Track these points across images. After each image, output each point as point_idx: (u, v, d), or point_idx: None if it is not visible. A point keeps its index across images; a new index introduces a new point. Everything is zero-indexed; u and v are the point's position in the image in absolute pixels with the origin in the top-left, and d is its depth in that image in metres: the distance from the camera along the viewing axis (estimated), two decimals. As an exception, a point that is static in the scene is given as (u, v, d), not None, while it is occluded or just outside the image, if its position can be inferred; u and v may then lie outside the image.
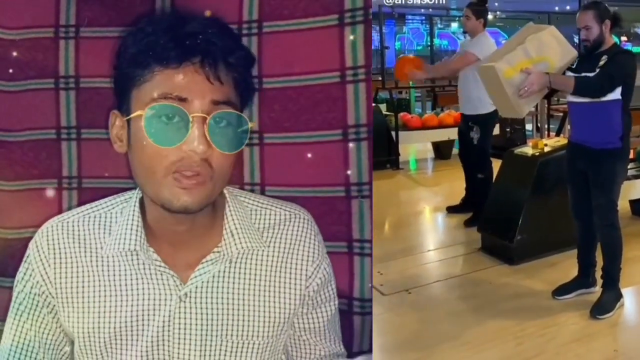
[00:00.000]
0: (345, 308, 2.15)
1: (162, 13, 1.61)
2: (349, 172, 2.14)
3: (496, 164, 6.03)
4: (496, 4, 24.52)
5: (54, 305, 1.68)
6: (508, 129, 9.76)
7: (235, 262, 1.68)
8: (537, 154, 5.49)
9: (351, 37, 2.11)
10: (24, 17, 2.21)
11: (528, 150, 5.62)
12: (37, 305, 1.69)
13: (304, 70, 2.15)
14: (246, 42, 2.16)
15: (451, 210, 6.74)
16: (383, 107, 10.17)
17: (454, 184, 7.33)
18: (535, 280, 4.87)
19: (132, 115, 1.48)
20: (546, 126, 9.74)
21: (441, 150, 9.91)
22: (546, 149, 5.51)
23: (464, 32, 6.61)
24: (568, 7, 21.99)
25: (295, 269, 1.73)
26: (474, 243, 5.70)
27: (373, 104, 9.48)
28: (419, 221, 6.68)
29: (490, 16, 23.39)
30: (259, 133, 2.18)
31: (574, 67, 4.15)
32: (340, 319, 1.95)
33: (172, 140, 1.44)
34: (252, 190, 2.18)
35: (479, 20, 6.37)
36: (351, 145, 2.13)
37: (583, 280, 4.56)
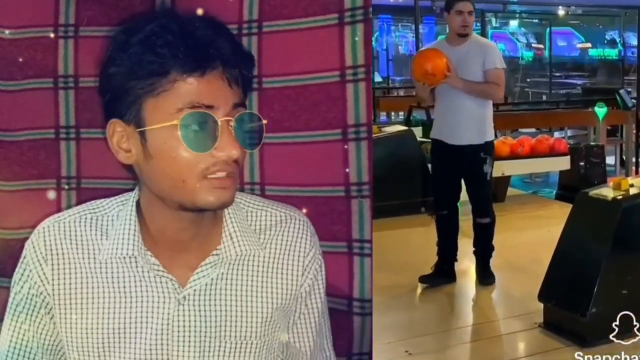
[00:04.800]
0: (345, 309, 2.14)
1: (159, 15, 1.60)
2: (348, 172, 2.13)
3: (565, 210, 4.86)
4: (568, -5, 18.16)
5: (52, 306, 1.68)
6: (582, 163, 7.97)
7: (233, 265, 1.68)
8: (620, 197, 4.29)
9: (351, 37, 2.11)
10: (24, 16, 2.22)
11: (608, 192, 4.42)
12: (34, 306, 1.68)
13: (303, 70, 2.15)
14: (246, 42, 2.17)
15: (425, 280, 5.14)
16: (418, 131, 7.98)
17: (511, 236, 6.06)
18: (616, 370, 3.57)
19: (158, 126, 1.47)
20: (634, 159, 8.33)
21: (494, 190, 7.09)
22: (632, 191, 4.33)
23: (461, 35, 4.94)
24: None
25: (290, 267, 1.73)
26: (533, 316, 4.45)
27: (406, 127, 7.83)
28: (461, 286, 5.21)
29: (561, 12, 16.45)
30: (259, 133, 2.18)
31: None
32: (339, 319, 1.95)
33: (205, 146, 1.45)
34: (252, 190, 2.19)
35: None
36: (351, 145, 2.13)
37: None
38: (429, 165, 6.44)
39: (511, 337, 4.40)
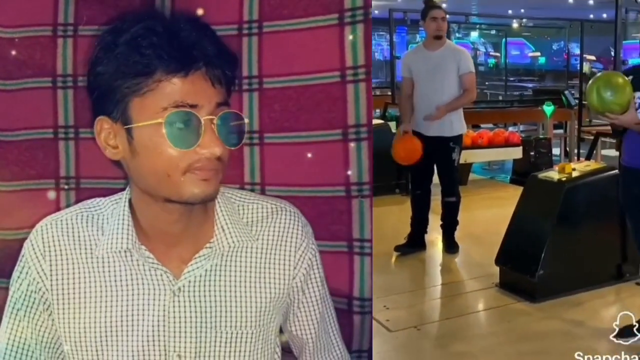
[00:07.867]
0: (345, 307, 2.15)
1: (144, 16, 1.62)
2: (349, 171, 2.14)
3: (519, 192, 5.47)
4: (522, 10, 21.03)
5: (50, 303, 1.69)
6: (532, 153, 9.20)
7: (227, 257, 1.71)
8: (565, 179, 4.97)
9: (351, 37, 2.12)
10: (22, 16, 2.22)
11: (554, 174, 5.08)
12: (33, 303, 1.69)
13: (304, 70, 2.16)
14: (246, 42, 2.18)
15: (399, 249, 5.91)
16: (393, 125, 8.94)
17: (473, 213, 6.83)
18: (558, 321, 4.44)
19: (144, 124, 1.50)
20: (576, 151, 9.41)
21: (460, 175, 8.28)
22: (574, 174, 5.00)
23: (437, 37, 5.74)
24: (605, 15, 19.45)
25: (283, 258, 1.76)
26: (491, 278, 5.17)
27: (382, 121, 8.83)
28: (430, 253, 6.02)
29: (514, 24, 18.80)
30: (259, 133, 2.19)
31: None
32: (340, 318, 1.95)
33: (188, 144, 1.49)
34: (252, 190, 2.18)
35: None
36: (351, 145, 2.14)
37: None
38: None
39: (472, 295, 5.14)
